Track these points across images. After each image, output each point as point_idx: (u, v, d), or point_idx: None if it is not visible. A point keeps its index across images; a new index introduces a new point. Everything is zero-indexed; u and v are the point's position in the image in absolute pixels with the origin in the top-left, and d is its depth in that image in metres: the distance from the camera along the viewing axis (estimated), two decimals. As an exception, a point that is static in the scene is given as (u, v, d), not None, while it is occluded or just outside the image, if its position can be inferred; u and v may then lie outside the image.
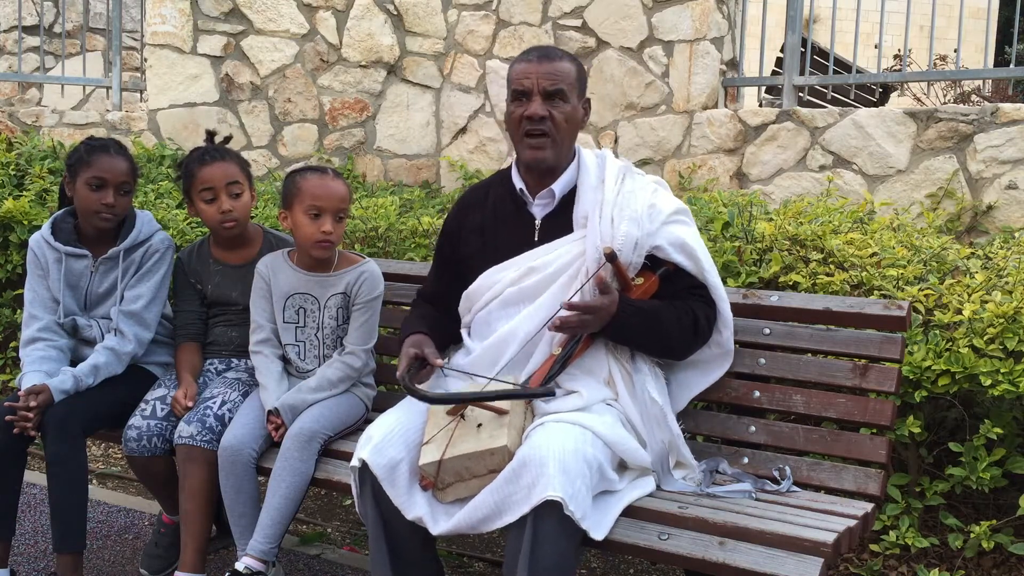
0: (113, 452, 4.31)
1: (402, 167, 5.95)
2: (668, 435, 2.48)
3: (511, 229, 2.60)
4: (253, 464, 2.74)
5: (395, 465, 2.34)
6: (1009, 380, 2.72)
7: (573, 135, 2.56)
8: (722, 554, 2.17)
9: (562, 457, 2.17)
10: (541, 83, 2.47)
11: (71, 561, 2.82)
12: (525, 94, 2.49)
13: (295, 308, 2.93)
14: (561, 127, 2.50)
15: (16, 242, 4.39)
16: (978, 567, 3.00)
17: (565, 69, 2.51)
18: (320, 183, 2.83)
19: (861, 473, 2.46)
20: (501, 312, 2.55)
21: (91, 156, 2.96)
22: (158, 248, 3.06)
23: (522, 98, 2.50)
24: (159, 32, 6.11)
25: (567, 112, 2.50)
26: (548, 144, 2.50)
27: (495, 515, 2.22)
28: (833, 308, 2.58)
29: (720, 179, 5.13)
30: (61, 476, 2.79)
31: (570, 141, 2.55)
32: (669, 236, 2.48)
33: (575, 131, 2.56)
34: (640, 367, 2.49)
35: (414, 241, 3.99)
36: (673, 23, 5.25)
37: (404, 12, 5.85)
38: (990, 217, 4.57)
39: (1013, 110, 4.56)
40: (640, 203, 2.49)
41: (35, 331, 2.99)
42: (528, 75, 2.48)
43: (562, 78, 2.49)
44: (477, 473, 2.28)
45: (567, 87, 2.49)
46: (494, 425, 2.32)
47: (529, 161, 2.53)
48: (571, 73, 2.52)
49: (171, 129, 6.15)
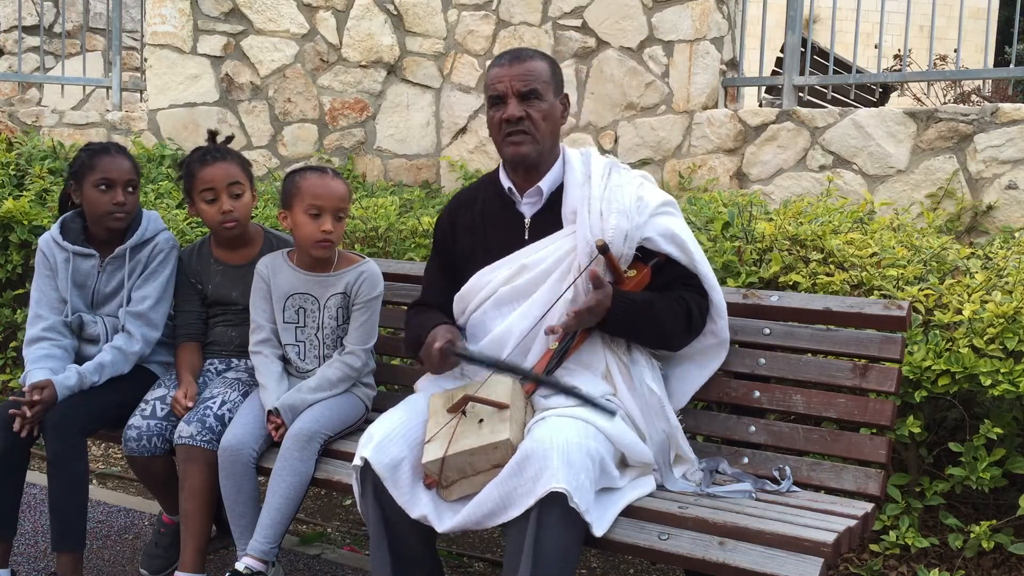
0: (113, 452, 4.31)
1: (402, 167, 5.95)
2: (667, 426, 2.49)
3: (501, 228, 2.62)
4: (253, 464, 2.74)
5: (397, 464, 2.34)
6: (1009, 380, 2.72)
7: (553, 131, 2.58)
8: (722, 554, 2.17)
9: (566, 449, 2.18)
10: (515, 85, 2.51)
11: (71, 561, 2.82)
12: (501, 98, 2.53)
13: (295, 308, 2.93)
14: (539, 124, 2.53)
15: (16, 242, 4.39)
16: (978, 567, 3.00)
17: (537, 68, 2.54)
18: (320, 183, 2.83)
19: (861, 473, 2.47)
20: (495, 312, 2.56)
21: (94, 159, 2.98)
22: (163, 247, 3.07)
23: (499, 103, 2.54)
24: (159, 32, 6.11)
25: (544, 110, 2.53)
26: (528, 140, 2.52)
27: (500, 509, 2.22)
28: (833, 308, 2.58)
29: (720, 179, 5.13)
30: (61, 476, 2.79)
31: (551, 137, 2.57)
32: (658, 227, 2.50)
33: (555, 128, 2.58)
34: (637, 359, 2.51)
35: (414, 241, 3.99)
36: (673, 23, 5.25)
37: (404, 12, 5.85)
38: (990, 217, 4.57)
39: (1013, 110, 4.56)
40: (627, 196, 2.51)
41: (39, 330, 2.99)
42: (501, 79, 2.53)
43: (535, 77, 2.52)
44: (480, 468, 2.29)
45: (540, 86, 2.52)
46: (496, 420, 2.33)
47: (512, 157, 2.55)
48: (544, 71, 2.54)
49: (171, 129, 6.15)
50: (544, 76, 2.54)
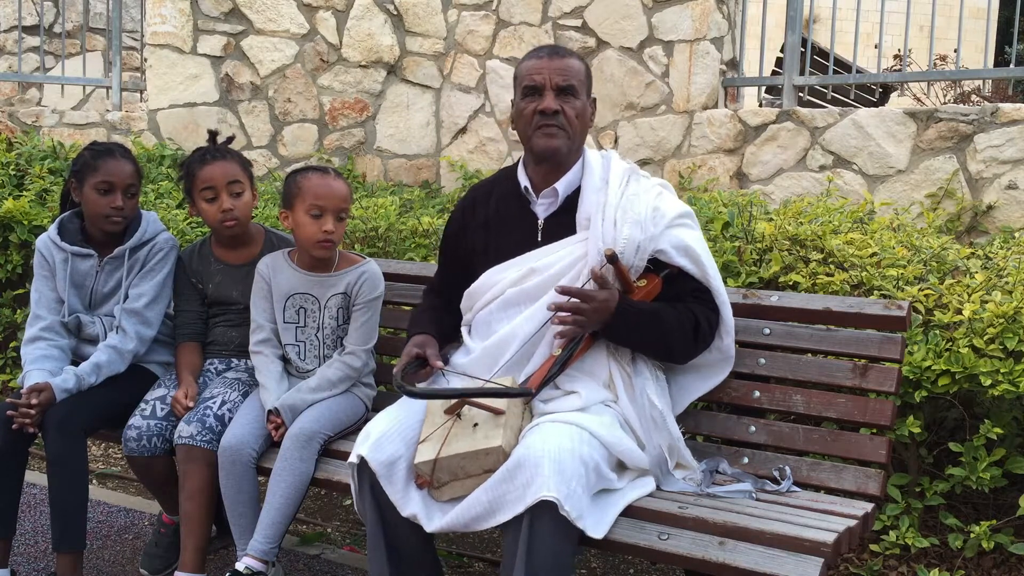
0: (113, 452, 4.31)
1: (402, 167, 5.95)
2: (667, 439, 2.47)
3: (514, 228, 2.60)
4: (253, 464, 2.74)
5: (393, 462, 2.34)
6: (1009, 380, 2.72)
7: (583, 132, 2.57)
8: (722, 554, 2.17)
9: (558, 457, 2.17)
10: (554, 79, 2.48)
11: (71, 561, 2.83)
12: (537, 89, 2.49)
13: (295, 308, 2.93)
14: (573, 122, 2.51)
15: (16, 242, 4.39)
16: (978, 567, 3.00)
17: (576, 66, 2.53)
18: (321, 182, 2.83)
19: (861, 473, 2.46)
20: (502, 313, 2.55)
21: (97, 161, 2.98)
22: (162, 247, 3.07)
23: (534, 93, 2.50)
24: (159, 32, 6.10)
25: (578, 108, 2.52)
26: (561, 135, 2.50)
27: (488, 514, 2.22)
28: (833, 308, 2.58)
29: (720, 179, 5.13)
30: (61, 475, 2.79)
31: (581, 137, 2.56)
32: (672, 240, 2.48)
33: (585, 128, 2.57)
34: (641, 370, 2.49)
35: (414, 241, 3.99)
36: (673, 23, 5.25)
37: (404, 12, 5.85)
38: (990, 217, 4.57)
39: (1013, 110, 4.56)
40: (644, 206, 2.49)
41: (37, 330, 3.00)
42: (540, 71, 2.49)
43: (573, 74, 2.51)
44: (472, 472, 2.29)
45: (578, 83, 2.51)
46: (490, 425, 2.33)
47: (543, 150, 2.51)
48: (581, 70, 2.54)
49: (171, 129, 6.15)
50: (581, 75, 2.53)
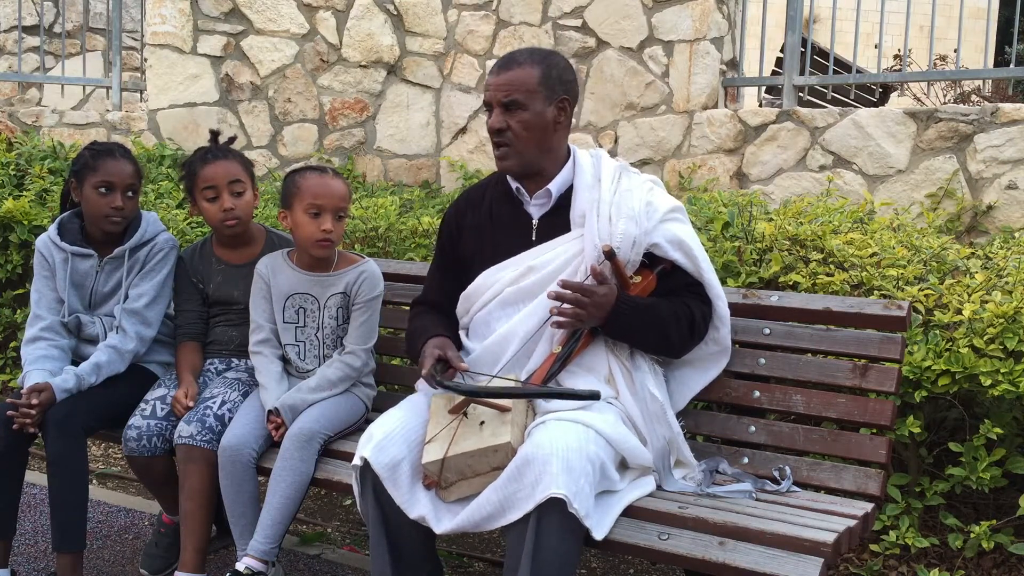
0: (113, 452, 4.31)
1: (402, 167, 5.95)
2: (668, 432, 2.48)
3: (508, 229, 2.61)
4: (253, 464, 2.74)
5: (397, 464, 2.34)
6: (1009, 380, 2.72)
7: (540, 140, 2.52)
8: (722, 554, 2.17)
9: (566, 455, 2.17)
10: (497, 96, 2.50)
11: (71, 561, 2.82)
12: (489, 106, 2.55)
13: (295, 308, 2.93)
14: (520, 136, 2.50)
15: (16, 242, 4.39)
16: (978, 567, 3.00)
17: (520, 78, 2.48)
18: (320, 182, 2.84)
19: (861, 473, 2.47)
20: (500, 312, 2.56)
21: (97, 161, 2.98)
22: (163, 247, 3.07)
23: (488, 110, 2.56)
24: (159, 32, 6.11)
25: (525, 120, 2.49)
26: (509, 153, 2.52)
27: (499, 513, 2.22)
28: (833, 308, 2.58)
29: (720, 179, 5.13)
30: (61, 475, 2.79)
31: (536, 147, 2.52)
32: (666, 234, 2.49)
33: (543, 136, 2.52)
34: (639, 364, 2.50)
35: (414, 241, 3.99)
36: (673, 23, 5.25)
37: (404, 12, 5.85)
38: (990, 217, 4.58)
39: (1013, 110, 4.56)
40: (637, 201, 2.50)
41: (38, 330, 3.00)
42: (489, 87, 2.53)
43: (516, 87, 2.48)
44: (480, 471, 2.29)
45: (522, 96, 2.48)
46: (496, 422, 2.33)
47: (498, 168, 2.60)
48: (529, 80, 2.48)
49: (171, 129, 6.15)
50: (529, 85, 2.48)
